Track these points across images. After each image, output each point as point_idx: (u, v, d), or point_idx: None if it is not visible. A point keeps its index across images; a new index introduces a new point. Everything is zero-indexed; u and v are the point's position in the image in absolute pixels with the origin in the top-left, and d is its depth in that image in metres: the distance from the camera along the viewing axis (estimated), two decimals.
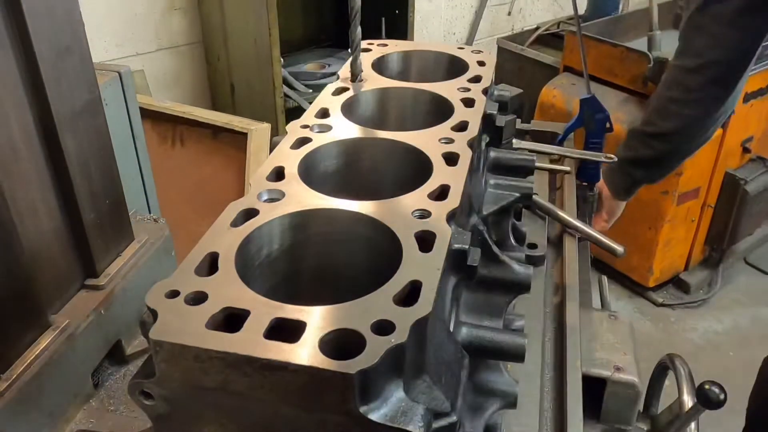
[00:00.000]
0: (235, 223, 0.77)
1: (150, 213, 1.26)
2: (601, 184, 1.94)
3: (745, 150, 3.33)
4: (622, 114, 3.24)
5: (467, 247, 0.77)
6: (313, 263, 0.85)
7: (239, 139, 2.53)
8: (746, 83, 3.04)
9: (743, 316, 3.54)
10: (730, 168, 3.32)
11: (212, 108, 3.72)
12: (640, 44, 3.29)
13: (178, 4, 3.47)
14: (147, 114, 2.34)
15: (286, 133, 0.98)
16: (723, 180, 3.34)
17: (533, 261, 1.22)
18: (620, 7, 4.34)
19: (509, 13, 4.87)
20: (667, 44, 3.22)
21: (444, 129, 0.98)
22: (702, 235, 3.52)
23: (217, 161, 2.60)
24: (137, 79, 3.41)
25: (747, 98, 3.11)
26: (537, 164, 1.13)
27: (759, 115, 3.28)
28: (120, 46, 3.36)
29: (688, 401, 1.18)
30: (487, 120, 1.08)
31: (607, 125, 1.84)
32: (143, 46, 3.44)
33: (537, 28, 4.72)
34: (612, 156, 1.62)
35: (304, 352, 0.58)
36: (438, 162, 0.90)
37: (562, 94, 3.54)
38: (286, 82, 3.42)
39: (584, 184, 1.88)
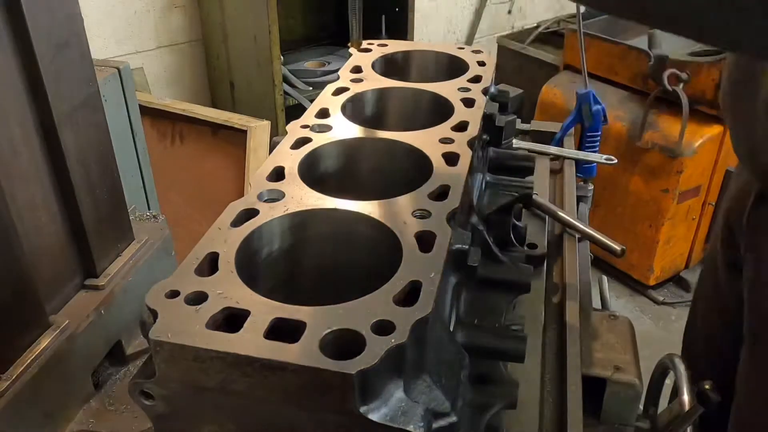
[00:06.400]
0: (235, 223, 0.77)
1: (149, 210, 1.26)
2: None
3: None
4: (622, 112, 3.23)
5: (467, 247, 0.77)
6: (313, 263, 0.85)
7: (239, 136, 2.53)
8: None
9: None
10: (731, 166, 3.31)
11: (212, 106, 3.72)
12: (640, 42, 3.28)
13: (178, 2, 3.47)
14: (146, 111, 2.35)
15: (286, 132, 0.98)
16: (724, 178, 3.33)
17: (533, 261, 1.22)
18: None
19: (509, 12, 4.86)
20: (668, 42, 3.22)
21: (444, 129, 0.98)
22: (703, 234, 3.51)
23: (216, 158, 2.60)
24: (137, 77, 3.42)
25: None
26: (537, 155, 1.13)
27: None
28: (120, 44, 3.36)
29: (688, 401, 1.18)
30: (487, 120, 1.08)
31: (603, 118, 1.86)
32: (143, 43, 3.44)
33: (537, 27, 4.69)
34: (612, 157, 1.62)
35: (304, 352, 0.58)
36: (438, 162, 0.90)
37: (563, 92, 3.54)
38: (286, 79, 3.42)
39: (582, 183, 1.88)
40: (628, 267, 3.50)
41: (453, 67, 1.24)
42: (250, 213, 0.79)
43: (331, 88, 1.12)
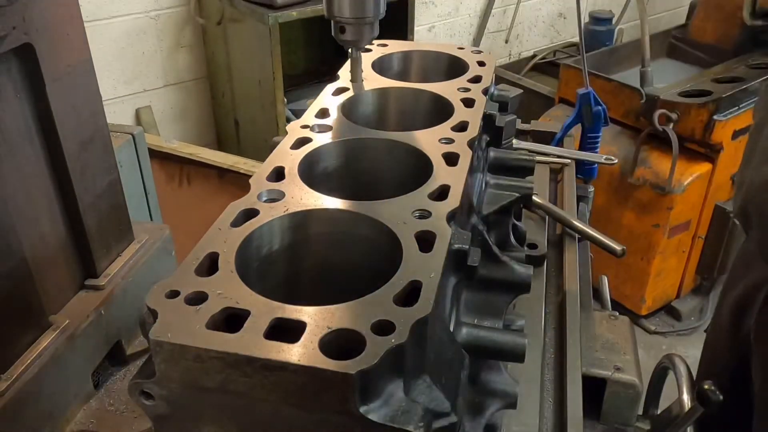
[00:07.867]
0: (235, 223, 0.77)
1: None
2: None
3: (734, 183, 3.36)
4: (615, 147, 3.26)
5: (467, 247, 0.77)
6: (313, 263, 0.85)
7: (245, 179, 2.54)
8: (735, 121, 3.07)
9: None
10: (720, 201, 3.35)
11: (217, 142, 3.82)
12: (634, 74, 3.30)
13: (184, 42, 3.55)
14: (155, 154, 2.39)
15: (287, 133, 0.98)
16: (713, 212, 3.37)
17: (533, 261, 1.22)
18: (614, 38, 4.35)
19: (506, 41, 4.87)
20: (659, 77, 3.26)
21: (444, 129, 0.98)
22: (693, 265, 3.57)
23: (223, 201, 2.59)
24: (145, 116, 3.51)
25: (736, 135, 3.13)
26: (538, 158, 1.13)
27: None
28: (128, 84, 3.46)
29: (688, 401, 1.18)
30: (487, 120, 1.08)
31: (603, 119, 1.86)
32: (151, 82, 3.53)
33: (534, 56, 4.75)
34: (612, 158, 1.62)
35: (304, 352, 0.58)
36: (438, 162, 0.90)
37: (558, 125, 3.56)
38: (289, 120, 3.45)
39: (583, 183, 1.88)
40: (622, 297, 3.56)
41: (453, 67, 1.24)
42: (250, 213, 0.79)
43: (330, 88, 1.12)
